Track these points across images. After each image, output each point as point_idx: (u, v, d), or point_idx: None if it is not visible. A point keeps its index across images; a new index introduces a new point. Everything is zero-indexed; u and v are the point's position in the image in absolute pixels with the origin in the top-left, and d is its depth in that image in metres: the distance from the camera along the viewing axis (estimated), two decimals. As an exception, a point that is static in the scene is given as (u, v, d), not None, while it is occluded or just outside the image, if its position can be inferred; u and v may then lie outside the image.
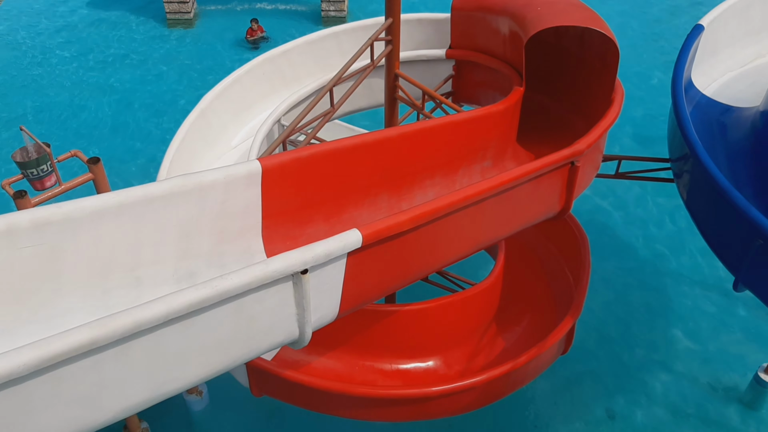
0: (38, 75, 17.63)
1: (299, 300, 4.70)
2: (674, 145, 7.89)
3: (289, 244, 5.80)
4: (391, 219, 5.16)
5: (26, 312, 4.75)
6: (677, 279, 12.27)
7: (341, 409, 7.40)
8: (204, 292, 4.06)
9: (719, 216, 6.71)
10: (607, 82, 7.72)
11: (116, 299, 5.06)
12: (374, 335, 7.79)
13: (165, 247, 5.30)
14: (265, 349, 4.81)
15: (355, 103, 9.43)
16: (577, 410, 10.22)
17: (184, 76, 17.53)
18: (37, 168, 6.98)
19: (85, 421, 3.97)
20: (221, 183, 5.42)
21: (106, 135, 15.63)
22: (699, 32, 8.29)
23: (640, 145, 15.06)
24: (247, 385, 7.62)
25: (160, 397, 4.29)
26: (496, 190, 5.97)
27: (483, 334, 8.46)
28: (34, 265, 4.73)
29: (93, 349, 3.71)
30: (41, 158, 6.94)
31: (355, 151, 6.24)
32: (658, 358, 10.93)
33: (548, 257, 9.52)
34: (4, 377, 3.41)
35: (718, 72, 9.05)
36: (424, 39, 9.89)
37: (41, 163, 6.96)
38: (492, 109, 7.37)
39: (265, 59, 9.78)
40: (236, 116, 9.65)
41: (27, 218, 4.63)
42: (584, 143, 6.81)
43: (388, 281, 5.68)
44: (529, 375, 8.00)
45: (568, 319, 7.97)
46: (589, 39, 7.95)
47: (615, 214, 13.67)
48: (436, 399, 7.31)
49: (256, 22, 18.72)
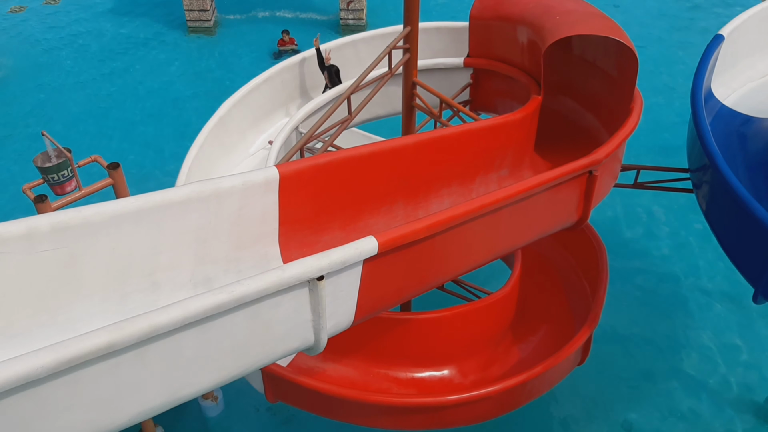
0: (57, 80, 17.84)
1: (315, 306, 4.71)
2: (693, 156, 7.84)
3: (306, 251, 5.82)
4: (407, 227, 5.15)
5: (45, 315, 4.80)
6: (696, 289, 12.15)
7: (355, 417, 7.39)
8: (220, 297, 4.08)
9: (739, 227, 6.65)
10: (626, 91, 7.68)
11: (134, 304, 5.09)
12: (389, 343, 7.78)
13: (182, 253, 5.33)
14: (281, 355, 4.82)
15: (372, 111, 9.46)
16: (592, 421, 10.13)
17: (203, 84, 17.66)
18: (58, 173, 7.07)
19: (102, 424, 3.99)
20: (239, 189, 5.45)
21: (125, 141, 15.77)
22: (719, 42, 8.24)
23: (659, 154, 14.95)
24: (263, 390, 7.63)
25: (176, 401, 4.31)
26: (512, 199, 5.94)
27: (498, 344, 8.42)
28: (53, 268, 4.77)
29: (110, 353, 3.74)
30: (62, 164, 7.03)
31: (371, 159, 6.25)
32: (676, 370, 10.82)
33: (565, 267, 9.47)
34: (23, 379, 3.44)
35: (738, 82, 8.98)
36: (442, 47, 9.91)
37: (62, 169, 7.05)
38: (510, 118, 7.36)
39: (283, 67, 9.85)
40: (254, 124, 9.72)
41: (47, 222, 4.68)
42: (603, 152, 6.77)
43: (403, 289, 5.67)
44: (545, 385, 7.94)
45: (585, 329, 7.91)
46: (608, 48, 7.92)
47: (633, 223, 13.58)
48: (451, 408, 7.28)
49: (287, 34, 18.76)
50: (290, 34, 18.78)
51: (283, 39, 18.73)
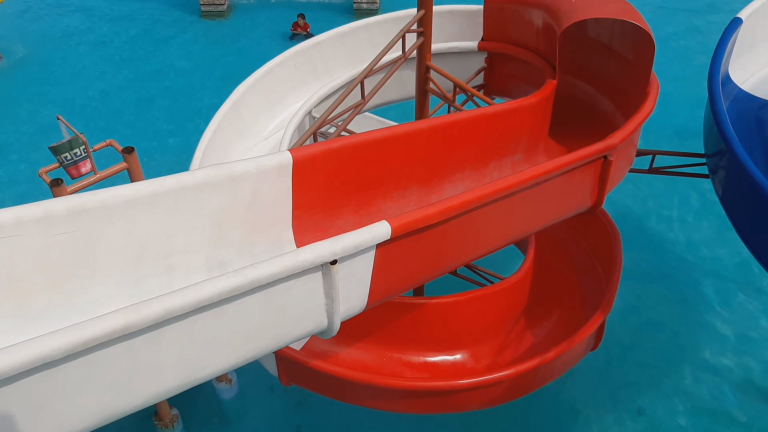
0: (70, 65, 17.90)
1: (328, 290, 4.73)
2: (710, 141, 7.76)
3: (319, 235, 5.83)
4: (421, 211, 5.15)
5: (61, 298, 4.85)
6: (712, 275, 12.09)
7: (368, 400, 7.43)
8: (235, 281, 4.10)
9: (755, 213, 6.59)
10: (642, 75, 7.59)
11: (149, 287, 5.13)
12: (402, 327, 7.81)
13: (197, 236, 5.36)
14: (294, 338, 4.85)
15: (385, 95, 9.42)
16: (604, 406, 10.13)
17: (216, 68, 17.67)
18: (71, 152, 7.06)
19: (117, 405, 4.04)
20: (252, 173, 5.46)
21: (139, 125, 15.83)
22: (737, 26, 8.12)
23: (676, 139, 14.83)
24: (276, 374, 7.69)
25: (190, 383, 4.35)
26: (526, 184, 5.91)
27: (511, 329, 8.42)
28: (69, 252, 4.81)
29: (126, 335, 3.77)
30: (74, 141, 7.02)
31: (385, 144, 6.23)
32: (691, 356, 10.79)
33: (579, 252, 9.43)
34: (39, 360, 3.49)
35: (757, 66, 8.86)
36: (456, 31, 9.83)
37: (74, 147, 7.04)
38: (524, 102, 7.31)
39: (296, 51, 9.82)
40: (268, 108, 9.71)
41: (63, 205, 4.71)
42: (618, 137, 6.71)
43: (416, 273, 5.68)
44: (558, 370, 7.94)
45: (598, 314, 7.89)
46: (624, 31, 7.83)
47: (647, 208, 13.50)
48: (463, 392, 7.30)
49: (302, 18, 18.71)
50: (305, 19, 18.70)
51: (298, 23, 18.66)
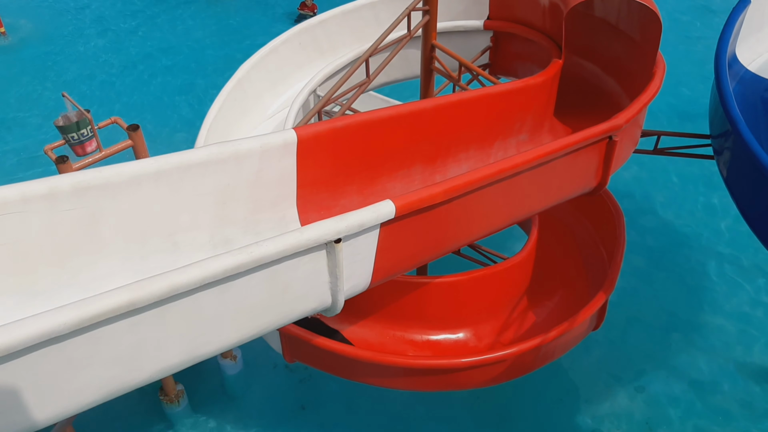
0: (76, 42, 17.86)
1: (332, 268, 4.75)
2: (715, 121, 7.73)
3: (323, 214, 5.85)
4: (425, 191, 5.16)
5: (66, 275, 4.88)
6: (716, 256, 12.09)
7: (371, 377, 7.49)
8: (239, 258, 4.13)
9: (760, 195, 6.58)
10: (648, 55, 7.55)
11: (154, 264, 5.16)
12: (405, 306, 7.84)
13: (202, 214, 5.38)
14: (298, 316, 4.88)
15: (390, 74, 9.38)
16: (605, 386, 10.20)
17: (220, 46, 17.61)
18: (78, 132, 7.09)
19: (123, 381, 4.09)
20: (257, 152, 5.47)
21: (144, 103, 15.82)
22: (745, 5, 8.04)
23: (681, 120, 14.76)
24: (280, 351, 7.75)
25: (195, 359, 4.39)
26: (531, 164, 5.91)
27: (514, 308, 8.46)
28: (74, 228, 4.84)
29: (131, 311, 3.81)
30: (81, 122, 7.04)
31: (389, 123, 6.22)
32: (693, 337, 10.82)
33: (582, 232, 9.44)
34: (46, 335, 3.52)
35: (764, 47, 8.78)
36: (462, 9, 9.76)
37: (81, 127, 7.07)
38: (530, 82, 7.28)
39: (301, 29, 9.76)
40: (272, 86, 9.68)
41: (68, 182, 4.73)
42: (623, 118, 6.69)
43: (420, 253, 5.70)
44: (560, 349, 7.98)
45: (600, 294, 7.92)
46: (632, 10, 7.77)
47: (651, 189, 13.48)
48: (465, 370, 7.35)
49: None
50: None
51: (305, 2, 18.51)
